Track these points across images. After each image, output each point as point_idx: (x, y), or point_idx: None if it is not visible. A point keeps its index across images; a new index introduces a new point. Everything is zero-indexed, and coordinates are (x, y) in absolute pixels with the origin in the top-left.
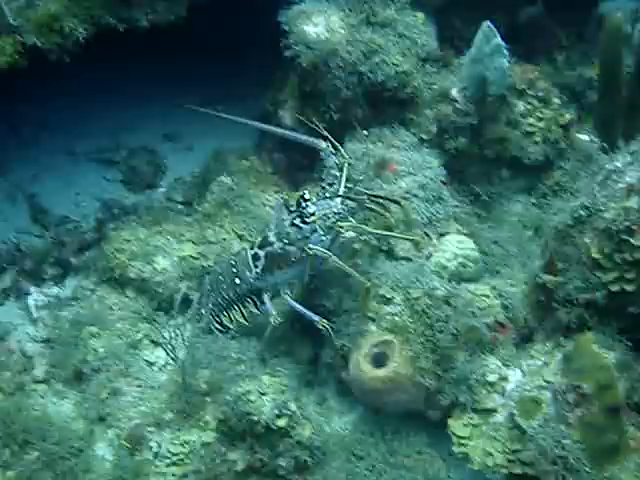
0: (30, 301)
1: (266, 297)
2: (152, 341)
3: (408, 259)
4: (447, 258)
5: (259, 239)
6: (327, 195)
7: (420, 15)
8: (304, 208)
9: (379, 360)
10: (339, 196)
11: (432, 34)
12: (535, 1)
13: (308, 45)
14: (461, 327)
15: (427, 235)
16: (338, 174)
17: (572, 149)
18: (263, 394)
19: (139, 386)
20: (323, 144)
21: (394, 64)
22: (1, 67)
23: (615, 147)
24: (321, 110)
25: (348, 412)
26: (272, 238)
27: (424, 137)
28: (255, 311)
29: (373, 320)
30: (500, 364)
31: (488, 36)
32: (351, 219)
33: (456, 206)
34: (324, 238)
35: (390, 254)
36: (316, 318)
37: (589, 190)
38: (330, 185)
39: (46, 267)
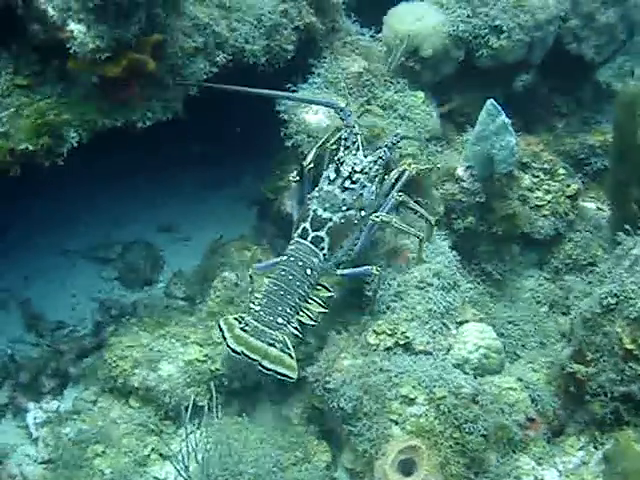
0: (29, 419)
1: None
2: (161, 455)
3: (428, 353)
4: (469, 350)
5: (305, 226)
6: (353, 152)
7: (420, 95)
8: (351, 167)
9: (406, 467)
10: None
11: (433, 113)
12: (528, 70)
13: (309, 133)
14: (491, 427)
15: (445, 326)
16: (360, 131)
17: (580, 219)
18: None
19: None
20: (341, 103)
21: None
22: None
23: (629, 219)
24: None
25: None
26: (326, 214)
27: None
28: (328, 294)
29: (396, 423)
30: (534, 464)
31: (493, 114)
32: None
33: (469, 289)
34: (374, 189)
35: (408, 348)
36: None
37: (616, 276)
38: (353, 143)
39: (43, 379)
